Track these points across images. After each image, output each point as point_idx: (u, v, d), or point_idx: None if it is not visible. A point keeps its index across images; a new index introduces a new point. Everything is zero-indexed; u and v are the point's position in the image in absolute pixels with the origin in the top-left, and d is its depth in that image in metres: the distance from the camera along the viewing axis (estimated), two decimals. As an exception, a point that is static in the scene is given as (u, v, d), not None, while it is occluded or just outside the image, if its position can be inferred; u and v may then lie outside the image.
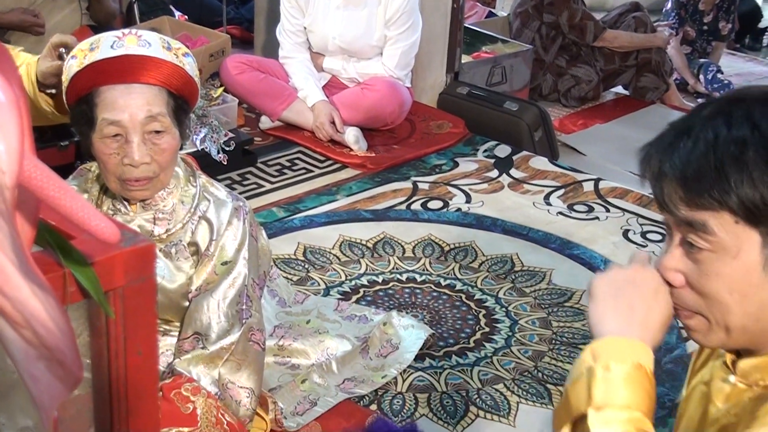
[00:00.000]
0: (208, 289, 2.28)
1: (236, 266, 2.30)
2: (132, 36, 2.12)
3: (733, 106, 1.15)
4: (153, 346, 1.04)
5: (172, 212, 2.28)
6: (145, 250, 0.97)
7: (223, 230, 2.29)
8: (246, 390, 2.30)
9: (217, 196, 2.32)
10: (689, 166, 1.14)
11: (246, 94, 4.35)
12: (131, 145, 2.10)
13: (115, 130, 2.10)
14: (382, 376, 2.71)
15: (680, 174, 1.15)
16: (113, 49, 2.09)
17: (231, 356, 2.27)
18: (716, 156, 1.12)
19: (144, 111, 2.09)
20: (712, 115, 1.16)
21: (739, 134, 1.12)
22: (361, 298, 3.14)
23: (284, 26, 4.40)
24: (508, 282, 3.30)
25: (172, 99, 2.16)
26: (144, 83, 2.10)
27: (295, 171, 4.09)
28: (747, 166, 1.10)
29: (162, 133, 2.13)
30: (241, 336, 2.28)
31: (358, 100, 4.31)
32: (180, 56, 2.16)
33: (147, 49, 2.11)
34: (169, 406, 2.19)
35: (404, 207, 3.82)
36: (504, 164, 4.27)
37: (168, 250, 2.29)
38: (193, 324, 2.28)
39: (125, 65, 2.09)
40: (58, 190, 0.78)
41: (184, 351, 2.28)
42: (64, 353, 0.79)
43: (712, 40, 6.43)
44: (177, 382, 2.24)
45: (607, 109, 5.54)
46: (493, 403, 2.68)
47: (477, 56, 5.28)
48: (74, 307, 0.96)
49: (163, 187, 2.24)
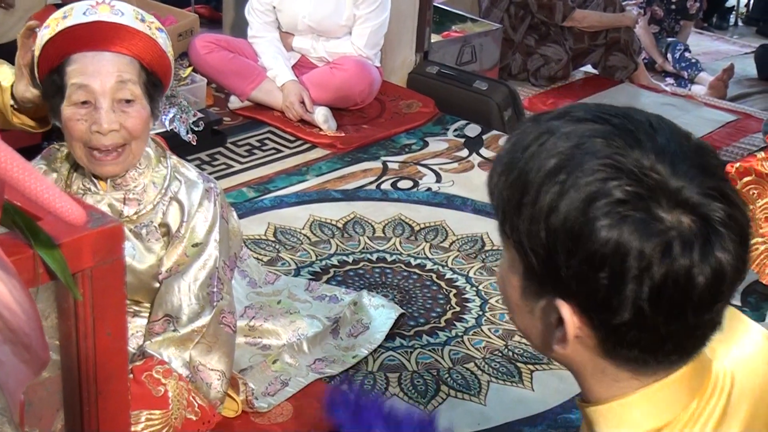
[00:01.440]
0: (179, 271, 2.27)
1: (207, 248, 2.29)
2: (105, 5, 2.11)
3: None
4: (122, 327, 1.04)
5: (142, 192, 2.27)
6: (113, 231, 0.96)
7: (194, 212, 2.28)
8: (217, 372, 2.30)
9: (188, 177, 2.31)
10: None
11: (215, 73, 4.32)
12: (100, 112, 2.09)
13: (85, 95, 2.09)
14: (353, 356, 2.71)
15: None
16: (85, 15, 2.09)
17: (202, 339, 2.27)
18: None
19: (114, 77, 2.09)
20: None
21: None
22: (332, 278, 3.14)
23: (253, 5, 4.37)
24: (478, 261, 3.31)
25: (144, 73, 2.15)
26: (115, 52, 2.10)
27: (265, 151, 4.07)
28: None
29: (132, 102, 2.12)
30: (212, 318, 2.27)
31: (328, 80, 4.29)
32: (153, 29, 2.16)
33: (120, 18, 2.10)
34: (140, 389, 2.19)
35: (374, 187, 3.81)
36: (474, 143, 4.27)
37: (138, 231, 2.27)
38: (163, 306, 2.27)
39: (97, 32, 2.09)
40: (22, 171, 0.78)
41: (154, 333, 2.27)
42: (29, 336, 0.79)
43: (680, 19, 6.45)
44: (148, 365, 2.23)
45: (577, 88, 5.55)
46: (464, 382, 2.69)
47: (446, 35, 5.26)
48: (42, 289, 0.95)
49: (133, 162, 2.22)
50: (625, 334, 1.01)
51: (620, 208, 0.97)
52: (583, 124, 1.03)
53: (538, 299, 1.07)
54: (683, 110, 5.29)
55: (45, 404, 1.06)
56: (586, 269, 0.98)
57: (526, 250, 1.03)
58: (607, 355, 1.05)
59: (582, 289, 1.00)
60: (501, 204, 1.06)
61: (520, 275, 1.07)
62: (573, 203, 0.98)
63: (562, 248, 0.99)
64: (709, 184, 0.99)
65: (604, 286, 0.98)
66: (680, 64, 6.11)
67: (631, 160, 0.99)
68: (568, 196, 0.99)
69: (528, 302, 1.09)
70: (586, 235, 0.97)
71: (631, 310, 0.98)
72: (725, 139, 4.90)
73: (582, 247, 0.98)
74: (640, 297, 0.97)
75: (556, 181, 1.00)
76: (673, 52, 6.16)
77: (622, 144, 1.00)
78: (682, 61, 6.11)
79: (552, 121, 1.06)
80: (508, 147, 1.08)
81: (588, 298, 1.00)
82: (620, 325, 1.00)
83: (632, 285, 0.97)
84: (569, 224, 0.98)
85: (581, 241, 0.98)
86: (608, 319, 1.00)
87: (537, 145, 1.03)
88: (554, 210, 0.99)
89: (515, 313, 1.13)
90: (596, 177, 0.98)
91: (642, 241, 0.96)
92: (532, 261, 1.03)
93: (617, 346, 1.03)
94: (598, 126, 1.03)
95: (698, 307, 0.99)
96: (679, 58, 6.13)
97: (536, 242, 1.01)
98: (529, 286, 1.07)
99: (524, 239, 1.03)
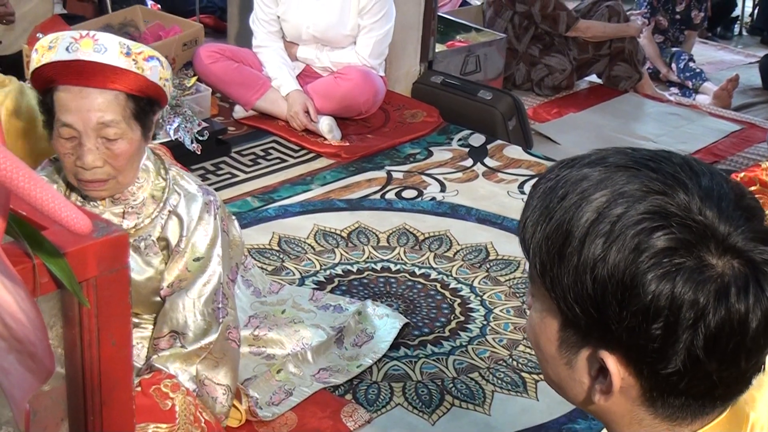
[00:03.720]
0: (182, 287, 2.26)
1: (210, 264, 2.28)
2: (88, 39, 2.07)
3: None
4: (127, 336, 1.04)
5: (141, 206, 2.26)
6: (118, 240, 0.96)
7: (194, 226, 2.27)
8: (222, 387, 2.30)
9: (187, 190, 2.30)
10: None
11: (219, 83, 4.33)
12: (83, 149, 2.09)
13: (69, 132, 2.09)
14: (357, 366, 2.71)
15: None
16: (68, 52, 2.06)
17: (209, 355, 2.27)
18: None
19: (95, 116, 2.07)
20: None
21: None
22: (336, 288, 3.13)
23: (257, 15, 4.38)
24: (482, 271, 3.31)
25: (132, 102, 2.13)
26: (99, 87, 2.08)
27: (269, 160, 4.07)
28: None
29: (115, 140, 2.11)
30: (220, 335, 2.28)
31: (332, 90, 4.29)
32: (140, 61, 2.11)
33: (101, 55, 2.06)
34: (148, 402, 2.18)
35: (378, 196, 3.81)
36: (478, 153, 4.27)
37: (137, 245, 2.27)
38: (168, 322, 2.27)
39: (78, 70, 2.06)
40: (28, 180, 0.78)
41: (160, 349, 2.27)
42: (35, 345, 0.79)
43: (685, 29, 6.46)
44: (156, 378, 2.22)
45: (581, 98, 5.55)
46: (468, 392, 2.69)
47: (451, 45, 5.27)
48: (46, 299, 0.95)
49: (122, 189, 2.22)
50: (676, 383, 0.99)
51: (670, 257, 0.95)
52: (621, 171, 1.01)
53: (578, 351, 1.04)
54: (688, 120, 5.29)
55: (49, 413, 1.06)
56: (639, 322, 0.96)
57: (569, 303, 1.00)
58: (649, 405, 1.03)
59: (633, 340, 0.97)
60: (539, 256, 1.02)
61: (557, 327, 1.04)
62: (620, 255, 0.96)
63: (611, 301, 0.96)
64: (753, 227, 0.98)
65: (658, 337, 0.96)
66: (685, 73, 6.11)
67: (677, 205, 0.97)
68: (615, 247, 0.96)
69: (565, 354, 1.05)
70: (637, 287, 0.95)
71: (685, 359, 0.96)
72: (730, 148, 4.90)
73: (633, 300, 0.95)
74: (695, 345, 0.95)
75: (599, 232, 0.97)
76: (677, 62, 6.16)
77: (665, 188, 0.98)
78: (687, 70, 6.11)
79: (587, 168, 1.03)
80: (539, 194, 1.04)
81: (639, 349, 0.98)
82: (672, 374, 0.98)
83: (687, 334, 0.95)
84: (618, 277, 0.96)
85: (632, 294, 0.95)
86: (659, 369, 0.98)
87: (575, 194, 1.00)
88: (601, 263, 0.96)
89: (548, 365, 1.09)
90: (642, 226, 0.96)
91: (696, 291, 0.94)
92: (575, 313, 1.00)
93: (665, 394, 1.01)
94: (636, 171, 1.00)
95: (751, 350, 0.98)
96: (683, 68, 6.12)
97: (582, 295, 0.98)
98: (567, 337, 1.04)
99: (567, 292, 0.99)
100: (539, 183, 1.06)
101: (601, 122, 5.15)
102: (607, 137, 4.92)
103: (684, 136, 5.02)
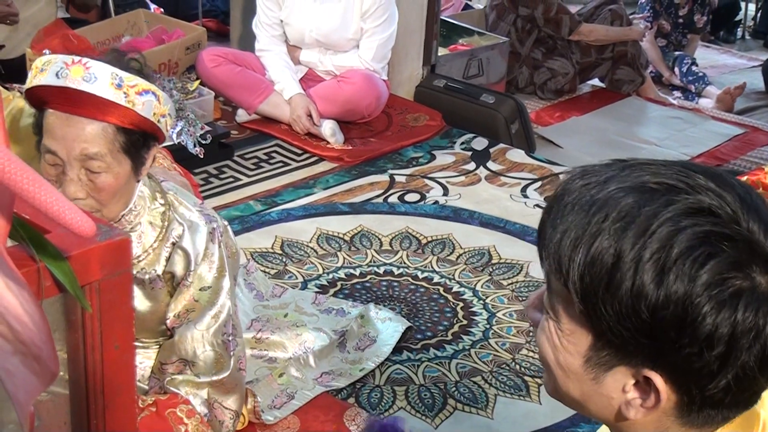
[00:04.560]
0: (190, 319, 2.25)
1: (219, 297, 2.26)
2: (79, 66, 1.97)
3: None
4: (130, 340, 1.04)
5: (140, 235, 2.20)
6: (121, 244, 0.96)
7: (200, 259, 2.23)
8: (231, 412, 2.31)
9: (190, 221, 2.24)
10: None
11: (222, 87, 4.33)
12: (65, 178, 2.01)
13: (53, 159, 2.01)
14: (359, 369, 2.71)
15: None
16: (57, 77, 1.96)
17: (222, 385, 2.28)
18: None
19: (80, 147, 1.98)
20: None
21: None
22: (339, 291, 3.13)
23: (260, 19, 4.38)
24: (485, 274, 3.31)
25: (122, 135, 2.02)
26: (86, 117, 1.98)
27: (272, 164, 4.07)
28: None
29: (99, 173, 2.01)
30: (232, 369, 2.28)
31: (335, 93, 4.30)
32: (132, 95, 2.00)
33: (90, 85, 1.96)
34: (163, 424, 2.19)
35: (381, 200, 3.81)
36: (481, 157, 4.27)
37: (141, 278, 2.22)
38: (177, 353, 2.26)
39: (65, 97, 1.97)
40: (32, 183, 0.78)
41: (169, 372, 2.27)
42: (39, 348, 0.79)
43: (688, 32, 6.46)
44: (173, 401, 2.23)
45: (584, 101, 5.55)
46: (471, 396, 2.68)
47: (453, 49, 5.27)
48: (49, 302, 0.95)
49: (109, 219, 2.11)
50: (721, 398, 0.99)
51: (726, 282, 0.94)
52: (659, 191, 0.99)
53: (610, 368, 1.03)
54: (690, 123, 5.29)
55: (52, 418, 1.06)
56: (699, 350, 0.95)
57: (615, 328, 0.98)
58: (682, 416, 1.03)
59: (688, 364, 0.97)
60: (581, 280, 0.99)
61: (588, 345, 1.03)
62: (676, 284, 0.95)
63: (668, 330, 0.95)
64: None
65: (716, 361, 0.96)
66: (687, 77, 6.11)
67: (725, 223, 0.96)
68: (670, 276, 0.95)
69: (593, 370, 1.04)
70: (697, 317, 0.94)
71: (736, 375, 0.96)
72: (732, 152, 4.90)
73: (693, 329, 0.95)
74: (750, 363, 0.96)
75: (651, 258, 0.95)
76: (680, 66, 6.16)
77: (708, 206, 0.97)
78: (690, 74, 6.11)
79: (617, 185, 1.00)
80: (575, 211, 1.01)
81: (692, 371, 0.97)
82: (720, 390, 0.98)
83: (744, 355, 0.95)
84: (676, 307, 0.95)
85: (692, 324, 0.95)
86: (708, 386, 0.98)
87: (618, 214, 0.98)
88: (655, 291, 0.95)
89: (568, 380, 1.08)
90: (698, 253, 0.95)
91: (756, 315, 0.94)
92: (621, 337, 0.98)
93: (705, 407, 1.01)
94: (675, 189, 0.99)
95: None
96: (686, 72, 6.13)
97: (633, 322, 0.97)
98: (600, 356, 1.03)
99: (615, 318, 0.98)
100: (567, 196, 1.03)
101: (604, 126, 5.15)
102: (609, 141, 4.92)
103: (687, 140, 5.02)
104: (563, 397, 1.12)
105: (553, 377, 1.10)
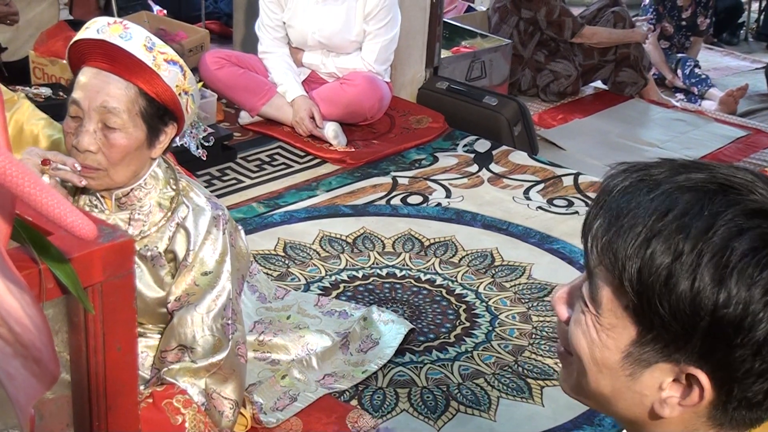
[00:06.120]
0: (190, 302, 2.25)
1: (220, 280, 2.26)
2: (118, 25, 2.12)
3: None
4: (132, 341, 1.04)
5: (148, 213, 2.25)
6: (124, 246, 0.96)
7: (201, 240, 2.25)
8: (230, 401, 2.29)
9: (196, 203, 2.28)
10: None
11: (225, 89, 4.34)
12: (81, 130, 2.10)
13: (75, 110, 2.12)
14: (362, 371, 2.71)
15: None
16: (98, 33, 2.11)
17: (219, 370, 2.26)
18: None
19: (101, 99, 2.09)
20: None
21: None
22: (342, 294, 3.13)
23: (263, 21, 4.38)
24: (488, 277, 3.30)
25: (144, 100, 2.13)
26: (114, 73, 2.11)
27: (275, 166, 4.07)
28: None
29: (114, 130, 2.11)
30: (230, 352, 2.27)
31: (338, 95, 4.30)
32: (159, 59, 2.12)
33: (125, 42, 2.10)
34: (159, 415, 2.18)
35: (384, 202, 3.81)
36: (484, 159, 4.27)
37: (143, 254, 2.25)
38: (176, 337, 2.26)
39: (100, 50, 2.10)
40: (34, 186, 0.78)
41: (168, 362, 2.26)
42: (40, 350, 0.79)
43: (691, 35, 6.46)
44: (169, 392, 2.22)
45: (586, 103, 5.55)
46: (474, 398, 2.68)
47: (456, 51, 5.27)
48: (52, 304, 0.95)
49: (114, 186, 2.20)
50: (762, 400, 1.00)
51: None
52: (711, 192, 1.00)
53: (651, 364, 1.03)
54: (693, 126, 5.29)
55: (55, 419, 1.06)
56: (752, 353, 0.96)
57: (672, 327, 0.99)
58: (714, 416, 1.03)
59: (738, 366, 0.97)
60: (637, 276, 1.00)
61: (630, 340, 1.03)
62: (736, 290, 0.95)
63: (725, 330, 0.96)
64: None
65: (764, 364, 0.97)
66: (690, 79, 6.11)
67: None
68: (730, 282, 0.95)
69: (630, 366, 1.04)
70: (755, 323, 0.95)
71: None
72: (735, 154, 4.89)
73: (750, 334, 0.96)
74: None
75: (711, 263, 0.96)
76: (683, 68, 6.16)
77: (758, 207, 0.98)
78: (692, 76, 6.11)
79: (669, 186, 1.01)
80: (631, 213, 1.02)
81: (740, 372, 0.98)
82: (763, 391, 0.99)
83: None
84: (735, 312, 0.95)
85: (749, 329, 0.96)
86: (751, 386, 0.99)
87: (677, 219, 0.99)
88: (713, 296, 0.96)
89: (600, 375, 1.08)
90: (755, 259, 0.95)
91: None
92: (675, 336, 0.99)
93: (741, 408, 1.01)
94: (726, 189, 1.00)
95: None
96: (689, 74, 6.12)
97: (687, 320, 0.97)
98: (642, 351, 1.03)
99: (667, 315, 0.98)
100: (617, 192, 1.05)
101: (607, 128, 5.15)
102: (612, 143, 4.92)
103: (689, 142, 5.02)
104: (588, 394, 1.11)
105: (580, 373, 1.10)
